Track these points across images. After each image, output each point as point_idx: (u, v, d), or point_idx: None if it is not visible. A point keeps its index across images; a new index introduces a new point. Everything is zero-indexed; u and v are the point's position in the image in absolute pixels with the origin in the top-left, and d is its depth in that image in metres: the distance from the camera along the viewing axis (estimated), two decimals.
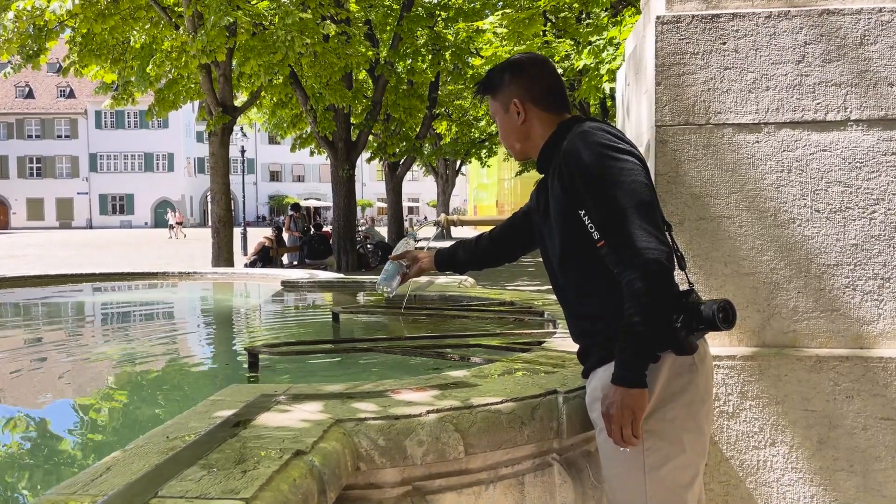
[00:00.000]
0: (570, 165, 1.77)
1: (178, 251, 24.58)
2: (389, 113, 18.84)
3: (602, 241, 1.73)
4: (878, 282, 2.48)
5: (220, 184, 13.47)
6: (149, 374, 3.70)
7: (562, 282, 1.93)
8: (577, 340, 1.98)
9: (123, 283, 7.44)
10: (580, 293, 1.88)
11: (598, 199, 1.71)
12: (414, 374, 2.99)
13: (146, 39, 13.39)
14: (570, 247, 1.84)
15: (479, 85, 2.05)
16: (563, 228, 1.84)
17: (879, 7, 2.45)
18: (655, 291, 1.64)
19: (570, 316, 1.96)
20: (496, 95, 2.00)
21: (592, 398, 1.87)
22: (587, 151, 1.75)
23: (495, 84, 2.01)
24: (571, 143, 1.79)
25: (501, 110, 1.99)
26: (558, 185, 1.82)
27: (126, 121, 57.41)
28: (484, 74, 2.04)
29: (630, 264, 1.65)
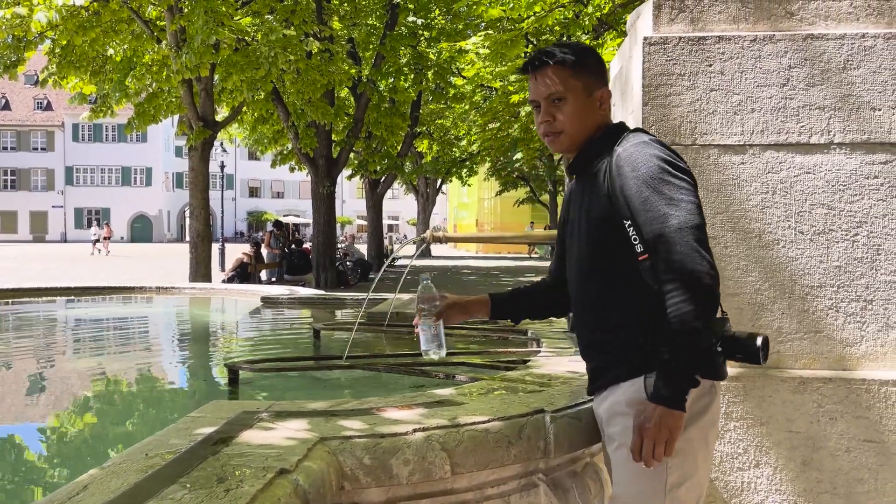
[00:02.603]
0: (625, 173, 1.69)
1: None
2: (371, 130, 18.85)
3: (646, 254, 1.67)
4: (860, 304, 2.50)
5: (200, 199, 13.36)
6: (125, 391, 3.62)
7: (585, 292, 1.84)
8: (591, 355, 1.87)
9: (99, 297, 7.32)
10: (606, 304, 1.78)
11: (651, 214, 1.64)
12: (398, 391, 2.96)
13: (127, 52, 13.30)
14: (604, 255, 1.77)
15: (562, 53, 1.82)
16: (600, 235, 1.76)
17: (863, 33, 2.49)
18: (705, 317, 1.60)
19: (590, 328, 1.85)
20: (581, 74, 1.81)
21: (612, 412, 1.79)
22: (647, 163, 1.68)
23: (587, 63, 1.83)
24: (629, 151, 1.71)
25: (582, 92, 1.81)
26: (604, 190, 1.74)
27: (104, 134, 56.86)
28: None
29: (681, 285, 1.60)
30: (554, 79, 1.81)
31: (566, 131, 1.82)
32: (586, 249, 1.81)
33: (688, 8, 2.64)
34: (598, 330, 1.82)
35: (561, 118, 1.81)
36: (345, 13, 17.15)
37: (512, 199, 36.80)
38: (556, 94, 1.81)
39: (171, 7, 11.59)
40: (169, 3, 11.45)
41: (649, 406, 1.65)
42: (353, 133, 16.80)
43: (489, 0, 12.23)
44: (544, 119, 1.83)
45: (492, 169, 31.29)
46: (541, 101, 1.84)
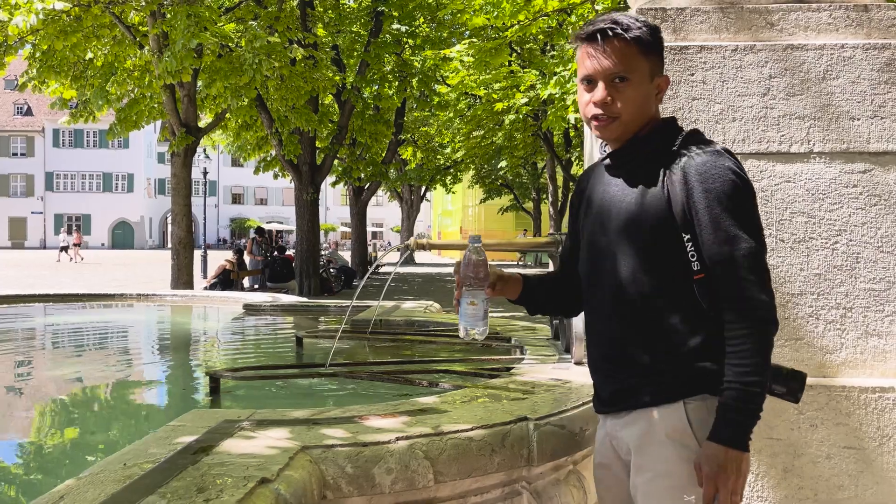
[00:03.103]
0: (696, 185, 1.52)
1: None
2: (355, 137, 18.83)
3: (702, 274, 1.52)
4: (840, 311, 2.52)
5: (182, 205, 13.26)
6: (104, 399, 3.57)
7: (621, 302, 1.59)
8: (616, 371, 1.62)
9: (78, 304, 7.23)
10: (648, 319, 1.57)
11: (722, 235, 1.50)
12: (381, 399, 2.94)
13: (108, 57, 13.20)
14: (653, 266, 1.56)
15: (637, 28, 1.57)
16: (651, 244, 1.56)
17: (842, 43, 2.53)
18: (768, 352, 1.50)
19: (621, 342, 1.61)
20: (650, 55, 1.59)
21: (646, 440, 1.56)
22: (723, 177, 1.52)
23: (657, 44, 1.61)
24: (703, 160, 1.54)
25: (647, 76, 1.59)
26: (663, 196, 1.55)
27: (85, 140, 56.34)
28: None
29: (747, 318, 1.48)
30: (623, 55, 1.56)
31: (622, 118, 1.58)
32: (630, 256, 1.58)
33: (670, 17, 2.66)
34: (633, 345, 1.58)
35: (620, 102, 1.57)
36: (329, 20, 17.14)
37: (496, 206, 36.90)
38: (621, 73, 1.56)
39: (153, 12, 11.52)
40: (151, 9, 11.39)
41: (716, 450, 1.47)
42: (337, 140, 16.77)
43: (473, 8, 12.28)
44: (602, 100, 1.57)
45: (476, 176, 31.37)
46: (599, 77, 1.57)
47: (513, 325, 4.79)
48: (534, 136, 20.64)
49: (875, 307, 2.50)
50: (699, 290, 1.53)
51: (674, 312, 1.55)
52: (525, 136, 20.80)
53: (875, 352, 2.50)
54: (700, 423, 1.51)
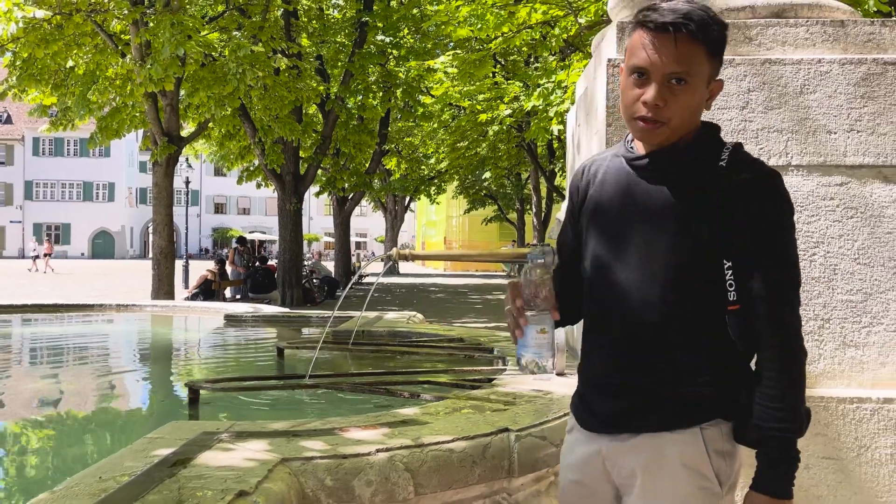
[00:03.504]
0: (754, 210, 1.39)
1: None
2: (339, 147, 18.82)
3: (738, 305, 1.40)
4: (818, 322, 2.54)
5: (163, 215, 13.16)
6: (80, 411, 3.52)
7: (642, 321, 1.45)
8: (624, 391, 1.48)
9: (56, 315, 7.14)
10: (673, 342, 1.44)
11: (778, 266, 1.40)
12: (362, 411, 2.92)
13: (89, 65, 13.12)
14: (687, 286, 1.43)
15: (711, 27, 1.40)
16: (684, 265, 1.42)
17: (818, 58, 2.56)
18: (804, 389, 1.42)
19: (636, 360, 1.47)
20: (713, 59, 1.42)
21: (655, 467, 1.44)
22: (781, 204, 1.42)
23: (722, 45, 1.43)
24: (762, 183, 1.41)
25: (705, 81, 1.42)
26: (709, 216, 1.40)
27: (65, 148, 55.82)
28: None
29: (789, 356, 1.40)
30: (687, 55, 1.38)
31: (672, 124, 1.41)
32: (660, 274, 1.43)
33: None
34: (649, 367, 1.45)
35: (673, 106, 1.39)
36: (313, 31, 17.16)
37: (480, 217, 36.98)
38: (681, 74, 1.38)
39: (136, 21, 11.47)
40: (134, 17, 11.34)
41: (766, 502, 1.39)
42: (320, 150, 16.74)
43: (458, 20, 12.34)
44: (654, 100, 1.38)
45: (460, 187, 31.43)
46: (654, 73, 1.39)
47: (495, 335, 4.79)
48: (517, 148, 20.74)
49: (852, 318, 2.53)
50: (731, 320, 1.41)
51: (698, 339, 1.43)
52: (509, 148, 20.90)
53: (852, 362, 2.53)
54: (717, 452, 1.42)
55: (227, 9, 13.57)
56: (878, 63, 2.55)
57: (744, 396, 1.42)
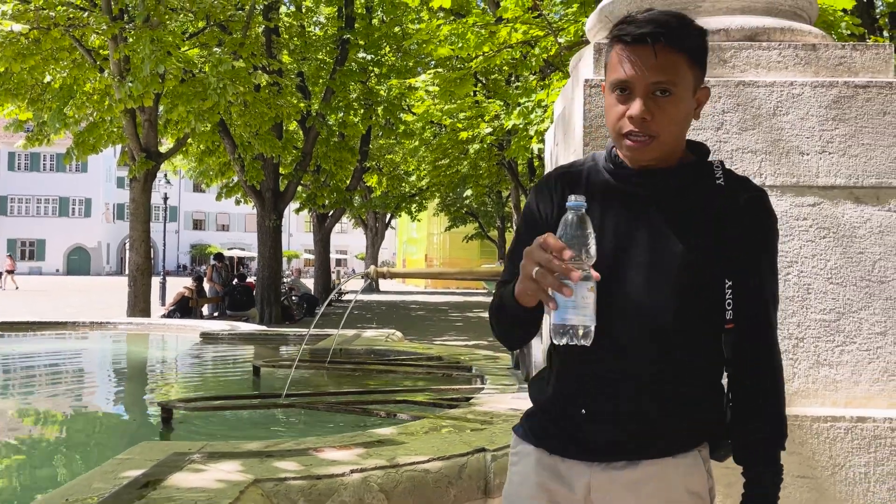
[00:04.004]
0: (755, 228, 1.38)
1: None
2: (320, 164, 18.79)
3: (733, 324, 1.38)
4: (792, 341, 2.56)
5: (141, 231, 13.03)
6: (50, 431, 3.45)
7: (647, 346, 1.37)
8: (622, 418, 1.38)
9: (29, 332, 7.01)
10: (675, 368, 1.38)
11: (771, 283, 1.41)
12: (338, 431, 2.89)
13: (67, 80, 13.02)
14: (693, 309, 1.38)
15: (690, 34, 1.36)
16: (687, 286, 1.37)
17: (791, 81, 2.60)
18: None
19: (632, 387, 1.38)
20: (696, 66, 1.37)
21: (664, 495, 1.37)
22: (774, 221, 1.41)
23: (704, 51, 1.39)
24: (759, 202, 1.40)
25: (690, 90, 1.37)
26: (712, 235, 1.37)
27: (41, 163, 55.22)
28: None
29: (776, 374, 1.40)
30: (669, 65, 1.32)
31: (661, 138, 1.34)
32: (662, 296, 1.36)
33: None
34: (651, 393, 1.38)
35: (660, 119, 1.33)
36: (295, 48, 17.18)
37: (461, 234, 37.05)
38: (665, 84, 1.32)
39: (115, 36, 11.41)
40: (113, 32, 11.28)
41: None
42: (301, 166, 16.71)
43: (439, 39, 12.43)
44: (641, 113, 1.32)
45: (441, 205, 31.51)
46: (637, 87, 1.33)
47: (474, 353, 4.78)
48: (498, 166, 20.84)
49: (826, 337, 2.55)
50: (726, 339, 1.39)
51: (703, 362, 1.40)
52: (490, 165, 21.00)
53: (826, 381, 2.55)
54: (708, 472, 1.41)
55: (208, 25, 13.56)
56: (849, 86, 2.60)
57: (728, 415, 1.42)
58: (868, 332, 2.54)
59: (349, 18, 16.78)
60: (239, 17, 13.45)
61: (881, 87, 2.59)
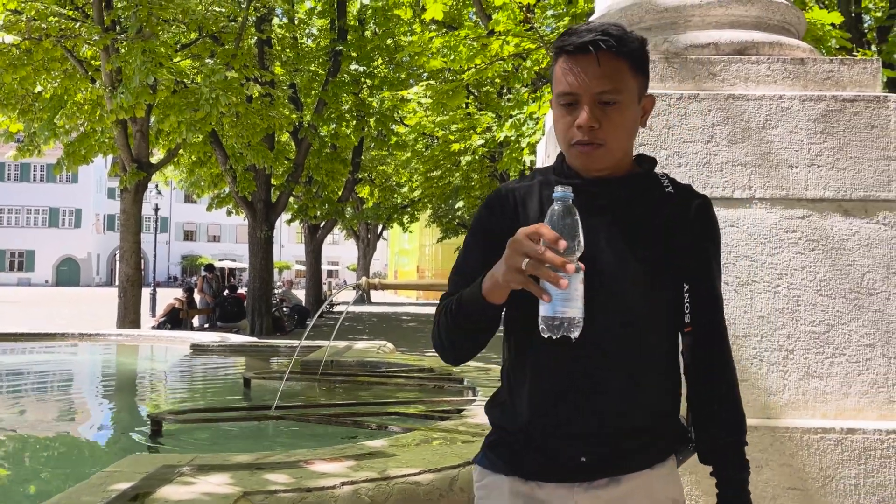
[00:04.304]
0: (705, 232, 1.43)
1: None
2: (312, 175, 18.79)
3: (691, 326, 1.41)
4: (782, 353, 2.57)
5: (131, 242, 12.98)
6: (38, 444, 3.42)
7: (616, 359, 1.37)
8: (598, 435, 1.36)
9: (17, 344, 6.96)
10: (648, 376, 1.39)
11: (716, 284, 1.44)
12: (329, 443, 2.88)
13: (58, 90, 13.00)
14: (661, 316, 1.40)
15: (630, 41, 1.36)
16: (651, 293, 1.38)
17: (780, 94, 2.63)
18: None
19: (608, 401, 1.36)
20: (639, 74, 1.38)
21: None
22: (718, 227, 1.47)
23: (645, 59, 1.40)
24: (706, 208, 1.44)
25: (635, 98, 1.38)
26: (670, 241, 1.39)
27: (31, 174, 54.99)
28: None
29: (733, 374, 1.43)
30: (613, 73, 1.33)
31: (608, 146, 1.35)
32: (629, 303, 1.37)
33: None
34: (628, 404, 1.37)
35: (607, 127, 1.34)
36: (287, 59, 17.21)
37: (453, 245, 36.99)
38: (610, 92, 1.33)
39: (106, 47, 11.41)
40: (105, 43, 11.28)
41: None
42: (293, 177, 16.70)
43: (431, 51, 12.49)
44: (588, 122, 1.33)
45: (433, 216, 31.52)
46: (583, 97, 1.34)
47: (466, 365, 4.77)
48: (490, 177, 20.88)
49: (815, 349, 2.56)
50: (685, 341, 1.42)
51: (667, 369, 1.41)
52: (482, 177, 21.04)
53: (816, 393, 2.56)
54: (679, 476, 1.45)
55: (201, 36, 13.58)
56: (836, 100, 2.63)
57: (689, 419, 1.46)
58: (857, 343, 2.56)
59: (342, 30, 16.84)
60: (231, 29, 13.48)
61: (869, 100, 2.62)
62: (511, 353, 1.42)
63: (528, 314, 1.30)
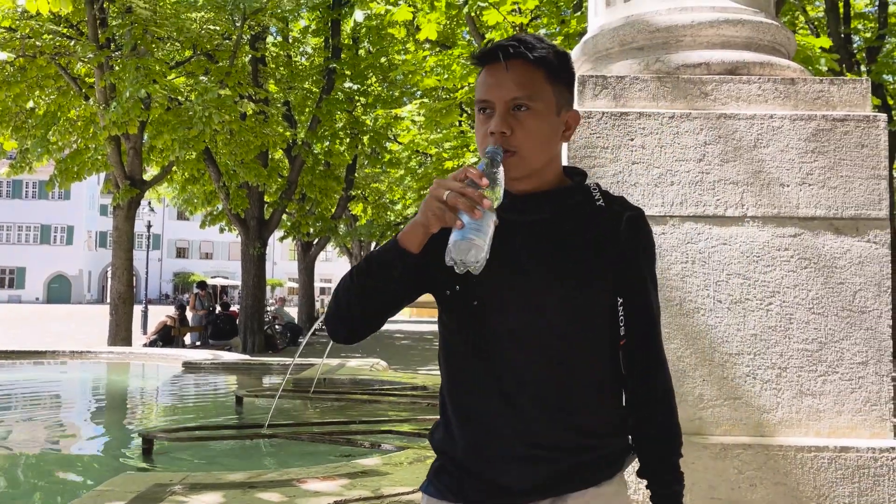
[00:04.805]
0: (638, 245, 1.40)
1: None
2: (305, 192, 18.80)
3: (625, 339, 1.39)
4: (775, 371, 2.58)
5: (123, 259, 12.94)
6: (28, 462, 3.38)
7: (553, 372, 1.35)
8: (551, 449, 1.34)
9: (6, 361, 6.90)
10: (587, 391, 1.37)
11: (651, 296, 1.41)
12: (322, 461, 2.86)
13: (51, 107, 13.00)
14: (592, 330, 1.38)
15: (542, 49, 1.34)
16: (592, 304, 1.37)
17: (771, 114, 2.66)
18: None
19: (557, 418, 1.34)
20: (557, 83, 1.36)
21: None
22: (653, 239, 1.44)
23: (566, 71, 1.39)
24: (640, 220, 1.41)
25: (553, 107, 1.36)
26: (603, 255, 1.37)
27: (24, 190, 54.79)
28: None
29: (668, 385, 1.42)
30: (525, 79, 1.33)
31: (521, 153, 1.32)
32: (563, 318, 1.35)
33: (610, 85, 2.76)
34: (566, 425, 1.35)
35: (520, 134, 1.32)
36: (281, 77, 17.29)
37: None
38: (523, 99, 1.32)
39: (101, 64, 11.44)
40: (99, 61, 11.31)
41: None
42: (286, 195, 16.71)
43: (424, 70, 12.56)
44: (499, 127, 1.32)
45: None
46: (496, 102, 1.34)
47: None
48: None
49: (808, 367, 2.57)
50: (623, 354, 1.39)
51: (607, 384, 1.40)
52: None
53: (809, 411, 2.56)
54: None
55: (195, 54, 13.63)
56: (827, 119, 2.65)
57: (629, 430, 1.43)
58: (850, 361, 2.57)
59: (336, 49, 16.93)
60: (226, 47, 13.54)
61: (858, 120, 2.65)
62: (443, 377, 1.42)
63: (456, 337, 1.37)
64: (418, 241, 1.27)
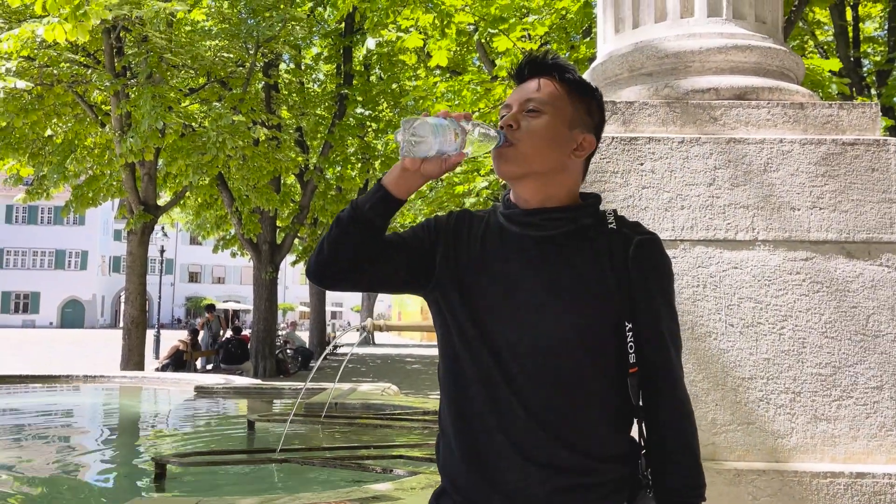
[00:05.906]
0: (651, 271, 1.37)
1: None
2: (317, 217, 18.90)
3: (637, 367, 1.35)
4: (789, 395, 2.56)
5: (136, 283, 13.03)
6: (41, 486, 3.39)
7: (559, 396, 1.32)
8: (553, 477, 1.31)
9: (20, 386, 6.94)
10: (590, 416, 1.34)
11: (663, 323, 1.37)
12: (333, 486, 2.85)
13: (68, 134, 13.20)
14: (600, 354, 1.35)
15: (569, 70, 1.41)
16: (593, 331, 1.34)
17: (780, 138, 2.67)
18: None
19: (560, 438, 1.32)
20: (574, 101, 1.41)
21: None
22: (669, 263, 1.41)
23: (587, 97, 1.43)
24: (653, 245, 1.39)
25: (564, 118, 1.39)
26: (612, 279, 1.34)
27: (39, 216, 55.38)
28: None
29: (688, 417, 1.37)
30: (543, 88, 1.40)
31: (519, 147, 1.36)
32: (571, 339, 1.33)
33: (619, 110, 2.79)
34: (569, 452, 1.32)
35: (523, 130, 1.37)
36: (294, 103, 17.48)
37: None
38: (535, 103, 1.38)
39: (117, 92, 11.62)
40: (115, 89, 11.49)
41: None
42: (298, 219, 16.81)
43: (435, 96, 12.67)
44: (507, 122, 1.39)
45: None
46: (514, 104, 1.41)
47: None
48: None
49: (822, 392, 2.55)
50: (632, 383, 1.35)
51: (610, 404, 1.35)
52: None
53: (824, 436, 2.54)
54: None
55: (209, 81, 13.82)
56: (836, 143, 2.66)
57: (643, 464, 1.38)
58: (864, 386, 2.55)
59: (347, 75, 17.12)
60: (239, 74, 13.72)
61: (868, 144, 2.66)
62: (441, 401, 1.42)
63: (451, 351, 1.37)
64: (400, 182, 1.33)
